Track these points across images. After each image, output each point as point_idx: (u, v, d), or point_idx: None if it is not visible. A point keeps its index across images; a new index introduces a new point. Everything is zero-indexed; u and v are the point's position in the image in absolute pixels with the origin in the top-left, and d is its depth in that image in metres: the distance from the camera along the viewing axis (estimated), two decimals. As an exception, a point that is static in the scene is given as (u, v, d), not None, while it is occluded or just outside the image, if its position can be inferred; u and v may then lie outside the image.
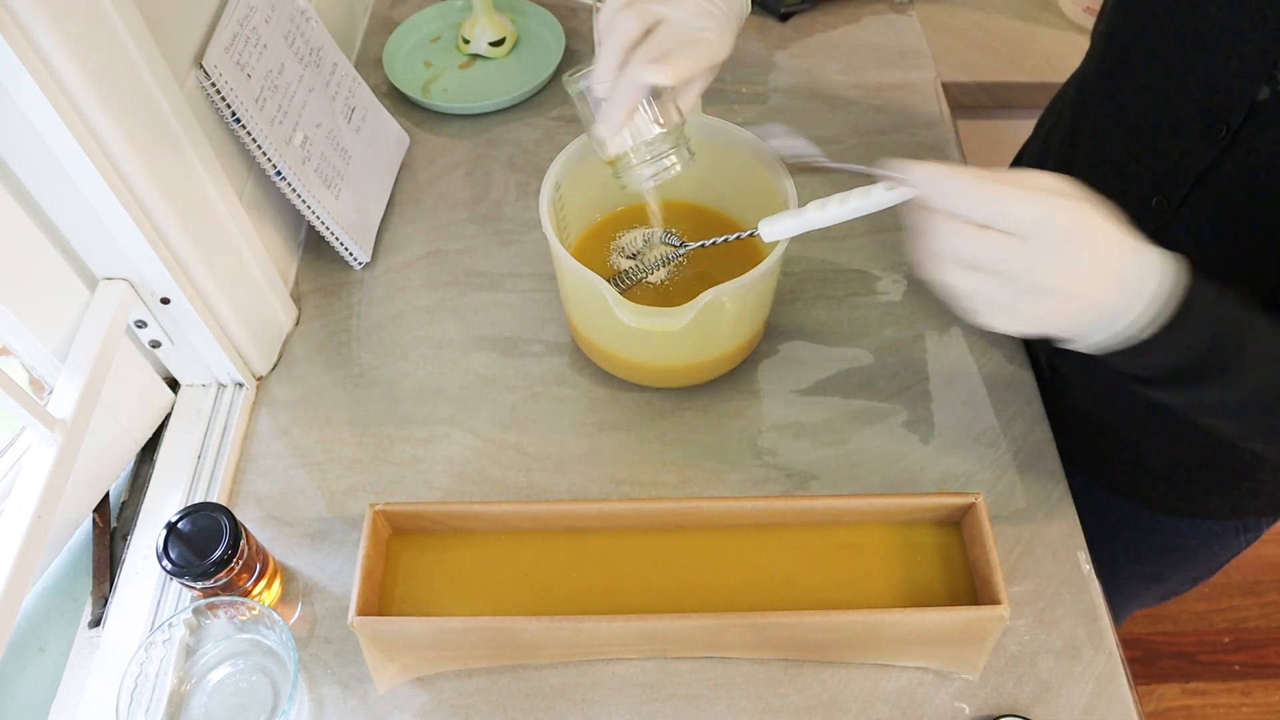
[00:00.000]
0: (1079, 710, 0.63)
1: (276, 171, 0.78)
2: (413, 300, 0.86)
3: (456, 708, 0.64)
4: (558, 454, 0.76)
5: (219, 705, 0.63)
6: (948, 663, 0.64)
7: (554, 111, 1.03)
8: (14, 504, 0.58)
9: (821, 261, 0.88)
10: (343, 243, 0.85)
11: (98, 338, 0.65)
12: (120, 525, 0.74)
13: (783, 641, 0.63)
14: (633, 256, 0.80)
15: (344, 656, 0.66)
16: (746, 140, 0.75)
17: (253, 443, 0.77)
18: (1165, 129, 0.62)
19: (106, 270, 0.67)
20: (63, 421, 0.61)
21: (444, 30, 1.11)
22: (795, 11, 1.13)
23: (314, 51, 0.86)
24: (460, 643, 0.63)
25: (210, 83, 0.71)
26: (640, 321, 0.65)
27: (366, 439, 0.77)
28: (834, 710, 0.63)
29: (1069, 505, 0.72)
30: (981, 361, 0.80)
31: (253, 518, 0.73)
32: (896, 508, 0.66)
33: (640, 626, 0.61)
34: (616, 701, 0.64)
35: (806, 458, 0.75)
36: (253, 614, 0.63)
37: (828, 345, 0.82)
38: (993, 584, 0.61)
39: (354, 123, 0.90)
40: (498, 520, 0.67)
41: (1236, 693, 1.51)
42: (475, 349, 0.83)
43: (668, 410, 0.78)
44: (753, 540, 0.67)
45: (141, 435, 0.77)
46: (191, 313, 0.70)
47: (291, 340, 0.84)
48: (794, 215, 0.67)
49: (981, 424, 0.77)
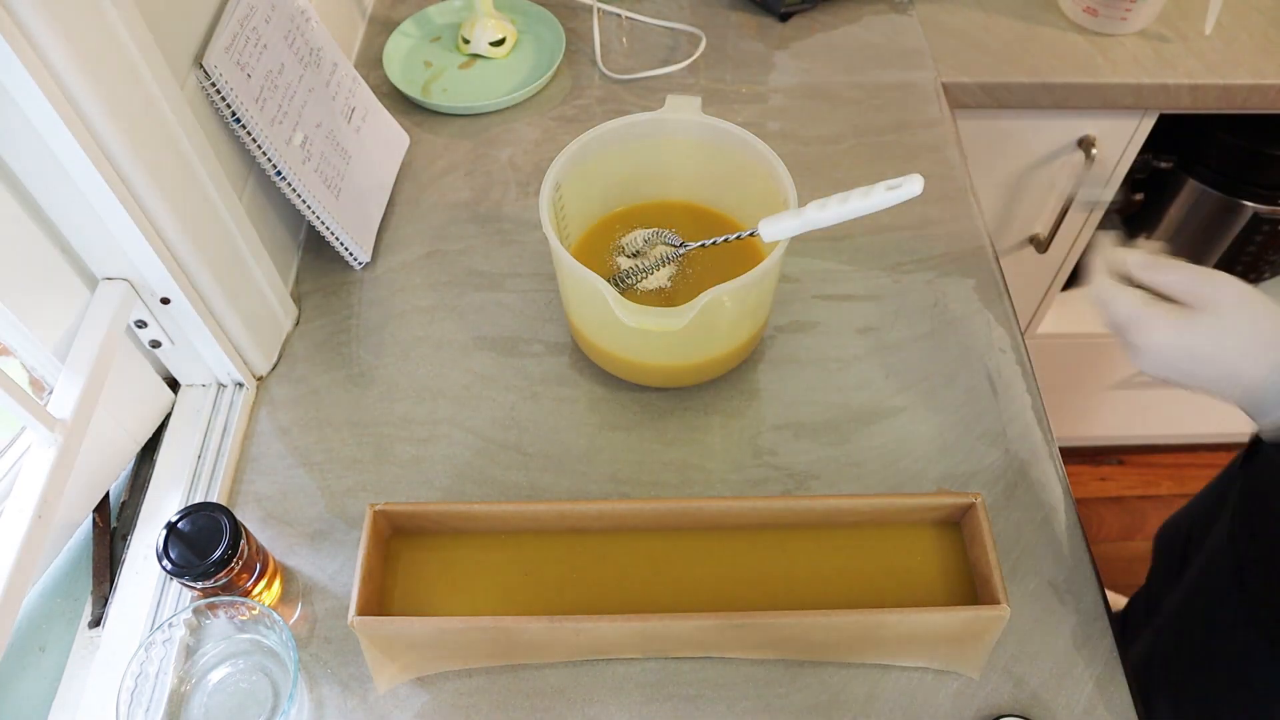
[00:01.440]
0: (1079, 710, 0.63)
1: (276, 171, 0.78)
2: (413, 300, 0.86)
3: (456, 708, 0.64)
4: (558, 454, 0.76)
5: (219, 705, 0.63)
6: (948, 663, 0.64)
7: (554, 111, 1.03)
8: (14, 504, 0.58)
9: (821, 261, 0.88)
10: (343, 243, 0.85)
11: (98, 338, 0.65)
12: (120, 525, 0.74)
13: (783, 641, 0.63)
14: (633, 256, 0.80)
15: (344, 656, 0.66)
16: (747, 140, 0.75)
17: (253, 443, 0.77)
18: None
19: (106, 270, 0.67)
20: (63, 421, 0.61)
21: (444, 30, 1.11)
22: (795, 11, 1.13)
23: (314, 51, 0.86)
24: (460, 643, 0.63)
25: (210, 83, 0.71)
26: (640, 321, 0.64)
27: (366, 439, 0.77)
28: (834, 710, 0.63)
29: (1069, 505, 0.72)
30: (982, 361, 0.81)
31: (253, 518, 0.73)
32: (896, 508, 0.66)
33: (640, 626, 0.61)
34: (616, 701, 0.64)
35: (806, 458, 0.75)
36: (253, 614, 0.63)
37: (828, 345, 0.82)
38: (993, 584, 0.61)
39: (354, 123, 0.90)
40: (498, 520, 0.67)
41: (1236, 693, 1.51)
42: (475, 349, 0.83)
43: (668, 410, 0.78)
44: (753, 540, 0.67)
45: (141, 435, 0.77)
46: (191, 313, 0.70)
47: (291, 340, 0.84)
48: (794, 215, 0.67)
49: (981, 424, 0.77)
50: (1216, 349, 0.54)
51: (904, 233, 0.90)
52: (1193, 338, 0.54)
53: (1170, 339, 0.55)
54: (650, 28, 1.13)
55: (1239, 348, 0.53)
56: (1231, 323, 0.54)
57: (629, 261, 0.80)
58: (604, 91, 1.05)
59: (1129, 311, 0.57)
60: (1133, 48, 1.09)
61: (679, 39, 1.11)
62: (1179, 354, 0.55)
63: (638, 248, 0.80)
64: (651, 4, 1.15)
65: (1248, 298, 0.54)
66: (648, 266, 0.78)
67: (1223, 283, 0.55)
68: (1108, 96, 1.07)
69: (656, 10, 1.14)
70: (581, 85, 1.06)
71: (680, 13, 1.14)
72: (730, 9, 1.15)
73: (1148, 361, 0.56)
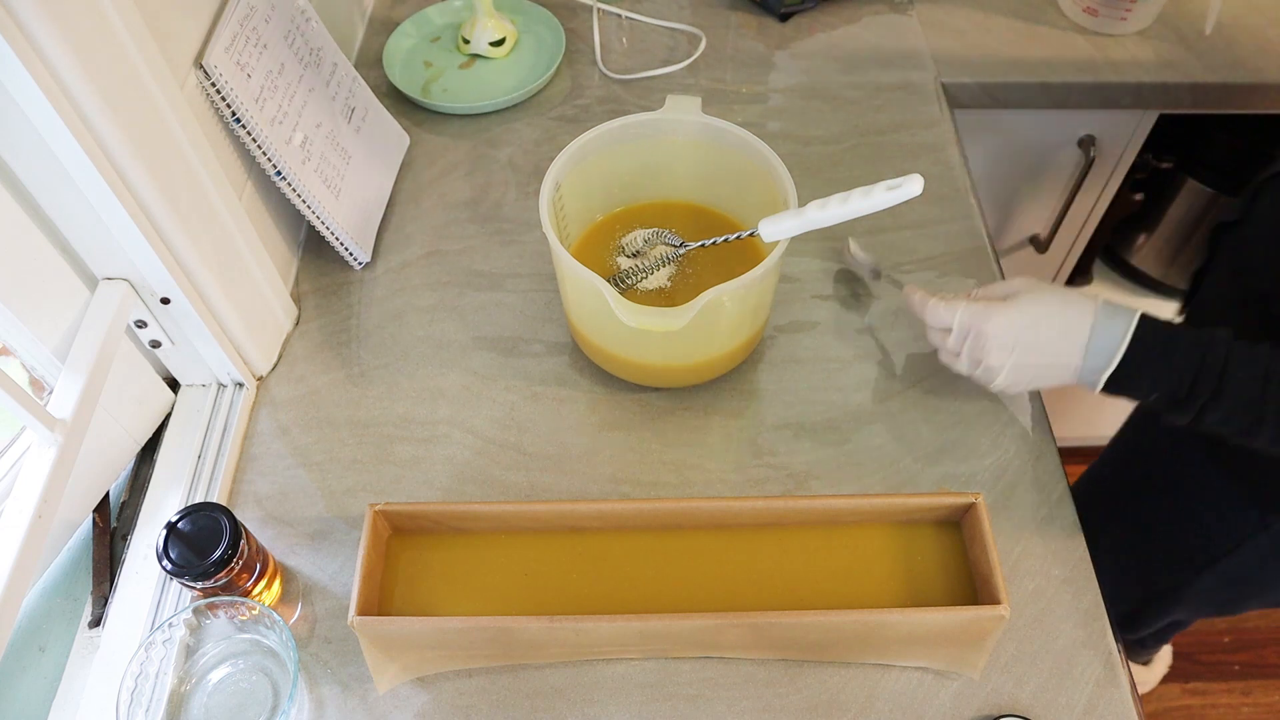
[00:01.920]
0: (1079, 710, 0.63)
1: (276, 171, 0.78)
2: (413, 300, 0.86)
3: (456, 708, 0.64)
4: (558, 454, 0.76)
5: (219, 705, 0.63)
6: (948, 663, 0.64)
7: (554, 111, 1.03)
8: (14, 504, 0.58)
9: (822, 261, 0.88)
10: (343, 243, 0.85)
11: (98, 338, 0.65)
12: (120, 525, 0.74)
13: (783, 641, 0.63)
14: (633, 256, 0.80)
15: (344, 656, 0.66)
16: (746, 140, 0.75)
17: (253, 443, 0.77)
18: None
19: (106, 270, 0.67)
20: (63, 421, 0.61)
21: (444, 30, 1.11)
22: (795, 11, 1.13)
23: (314, 51, 0.86)
24: (460, 643, 0.63)
25: (210, 83, 0.71)
26: (640, 321, 0.64)
27: (366, 439, 0.77)
28: (834, 710, 0.63)
29: (1069, 505, 0.72)
30: (981, 361, 0.80)
31: (253, 518, 0.73)
32: (896, 508, 0.66)
33: (640, 626, 0.61)
34: (616, 701, 0.64)
35: (806, 458, 0.75)
36: (253, 614, 0.63)
37: (828, 345, 0.82)
38: (993, 584, 0.61)
39: (354, 123, 0.90)
40: (498, 520, 0.67)
41: (1236, 693, 1.51)
42: (475, 349, 0.83)
43: (668, 410, 0.78)
44: (753, 540, 0.67)
45: (141, 435, 0.77)
46: (191, 313, 0.70)
47: (291, 340, 0.84)
48: (795, 215, 0.67)
49: (981, 424, 0.77)
50: (1044, 314, 0.65)
51: (904, 233, 0.90)
52: (1020, 313, 0.65)
53: (1010, 315, 0.66)
54: (650, 28, 1.13)
55: (1054, 319, 0.65)
56: (1037, 298, 0.66)
57: (629, 261, 0.80)
58: (604, 91, 1.05)
59: (970, 309, 0.67)
60: (1133, 48, 1.09)
61: (679, 39, 1.11)
62: (1021, 324, 0.65)
63: (638, 248, 0.80)
64: (651, 4, 1.15)
65: (1035, 282, 0.68)
66: (648, 266, 0.78)
67: (1014, 279, 0.69)
68: (1108, 96, 1.07)
69: (656, 10, 1.14)
70: (581, 85, 1.06)
71: (680, 13, 1.14)
72: (730, 9, 1.15)
73: (997, 344, 0.66)
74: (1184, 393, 0.62)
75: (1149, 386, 0.63)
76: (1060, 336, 0.65)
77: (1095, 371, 0.64)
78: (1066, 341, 0.65)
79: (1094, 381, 0.65)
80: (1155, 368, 0.62)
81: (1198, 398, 0.61)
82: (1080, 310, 0.65)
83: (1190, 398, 0.62)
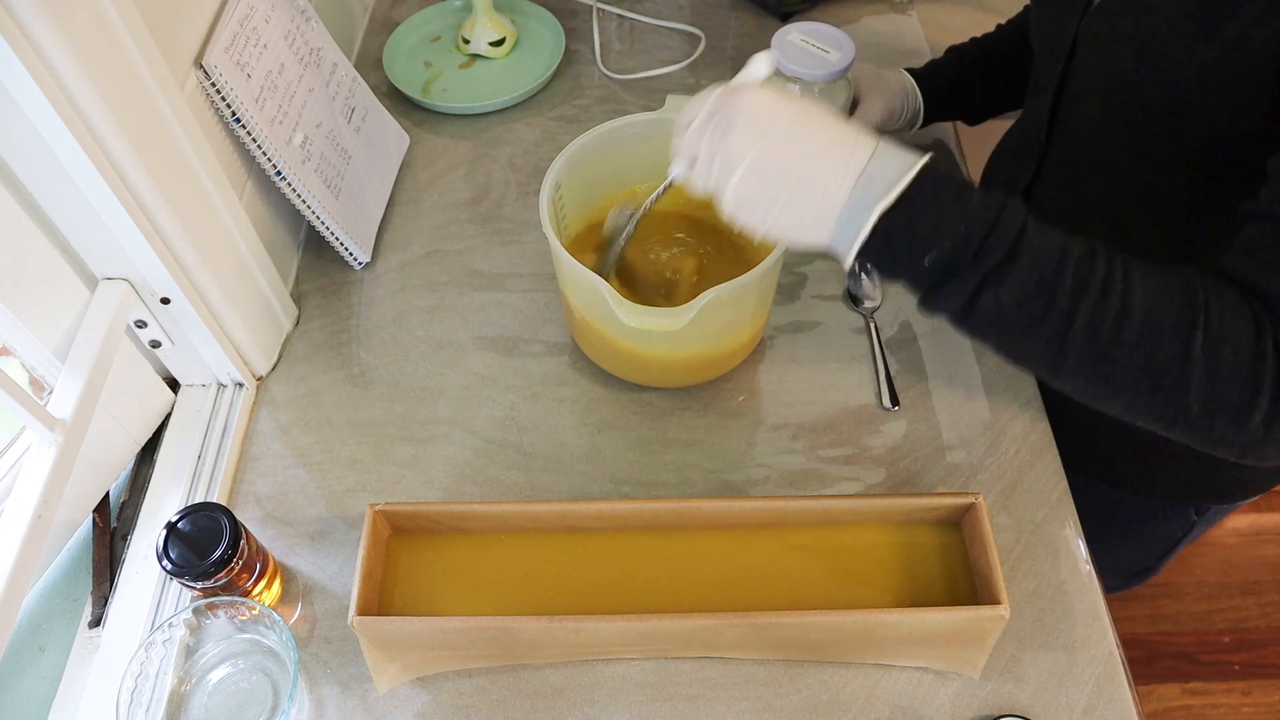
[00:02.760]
0: (1079, 710, 0.63)
1: (276, 171, 0.78)
2: (413, 300, 0.86)
3: (456, 708, 0.64)
4: (558, 454, 0.76)
5: (219, 705, 0.63)
6: (948, 663, 0.64)
7: (554, 111, 1.03)
8: (14, 504, 0.58)
9: (822, 261, 0.88)
10: (343, 243, 0.85)
11: (98, 338, 0.65)
12: (120, 525, 0.74)
13: (783, 641, 0.63)
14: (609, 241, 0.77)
15: (344, 656, 0.66)
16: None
17: (253, 443, 0.77)
18: None
19: (106, 270, 0.67)
20: (63, 421, 0.61)
21: (444, 30, 1.11)
22: (795, 11, 1.13)
23: (314, 51, 0.86)
24: (460, 643, 0.63)
25: (210, 83, 0.71)
26: (640, 321, 0.64)
27: (366, 439, 0.77)
28: (834, 710, 0.63)
29: (1069, 505, 0.72)
30: (981, 362, 0.80)
31: (253, 518, 0.73)
32: (896, 508, 0.66)
33: (640, 626, 0.61)
34: (616, 701, 0.64)
35: (806, 458, 0.75)
36: (253, 614, 0.63)
37: (827, 345, 0.82)
38: (993, 584, 0.61)
39: (354, 123, 0.90)
40: (498, 520, 0.67)
41: (1236, 693, 1.51)
42: (475, 349, 0.83)
43: (668, 410, 0.78)
44: (753, 540, 0.67)
45: (141, 435, 0.77)
46: (191, 313, 0.70)
47: (291, 340, 0.84)
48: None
49: (981, 424, 0.77)
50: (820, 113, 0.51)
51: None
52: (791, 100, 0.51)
53: (776, 95, 0.51)
54: (650, 28, 1.13)
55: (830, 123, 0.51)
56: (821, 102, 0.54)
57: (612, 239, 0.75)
58: (604, 91, 1.05)
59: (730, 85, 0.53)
60: (1133, 48, 1.09)
61: (679, 39, 1.11)
62: (785, 108, 0.51)
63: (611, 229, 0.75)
64: (651, 4, 1.15)
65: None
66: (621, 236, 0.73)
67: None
68: (1108, 96, 1.07)
69: (656, 10, 1.14)
70: (581, 85, 1.06)
71: (680, 13, 1.14)
72: (730, 9, 1.15)
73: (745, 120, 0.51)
74: (974, 247, 0.48)
75: (930, 233, 0.49)
76: (831, 144, 0.50)
77: (866, 206, 0.49)
78: (837, 151, 0.50)
79: (860, 223, 0.49)
80: (945, 207, 0.49)
81: (986, 258, 0.48)
82: (864, 131, 0.51)
83: (979, 256, 0.48)
